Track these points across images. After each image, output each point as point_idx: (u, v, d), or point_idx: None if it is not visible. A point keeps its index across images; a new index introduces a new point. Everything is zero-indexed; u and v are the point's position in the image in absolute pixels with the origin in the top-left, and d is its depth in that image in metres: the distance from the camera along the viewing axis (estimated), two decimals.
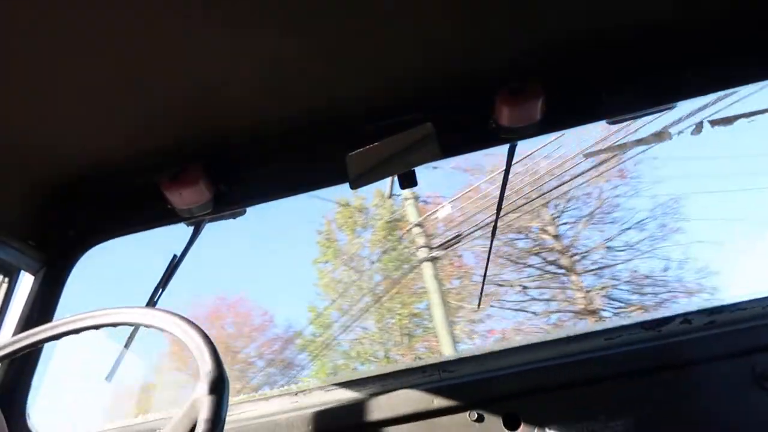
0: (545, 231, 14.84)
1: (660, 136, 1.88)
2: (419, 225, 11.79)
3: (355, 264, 16.51)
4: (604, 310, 13.62)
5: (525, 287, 14.65)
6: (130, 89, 1.38)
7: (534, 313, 14.59)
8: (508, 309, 14.74)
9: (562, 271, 14.55)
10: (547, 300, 14.70)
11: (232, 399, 1.66)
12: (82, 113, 1.43)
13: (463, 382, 1.53)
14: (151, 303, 1.76)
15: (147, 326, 1.05)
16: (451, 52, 1.46)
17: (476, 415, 1.46)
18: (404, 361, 15.64)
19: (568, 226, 14.96)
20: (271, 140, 1.66)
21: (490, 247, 2.09)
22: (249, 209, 1.80)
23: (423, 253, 11.46)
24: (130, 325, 1.10)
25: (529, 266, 14.87)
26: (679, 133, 1.91)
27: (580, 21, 1.44)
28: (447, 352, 10.91)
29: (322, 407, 1.55)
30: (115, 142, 1.57)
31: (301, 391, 1.65)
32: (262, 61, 1.37)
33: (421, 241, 11.69)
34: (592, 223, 14.59)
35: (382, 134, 1.56)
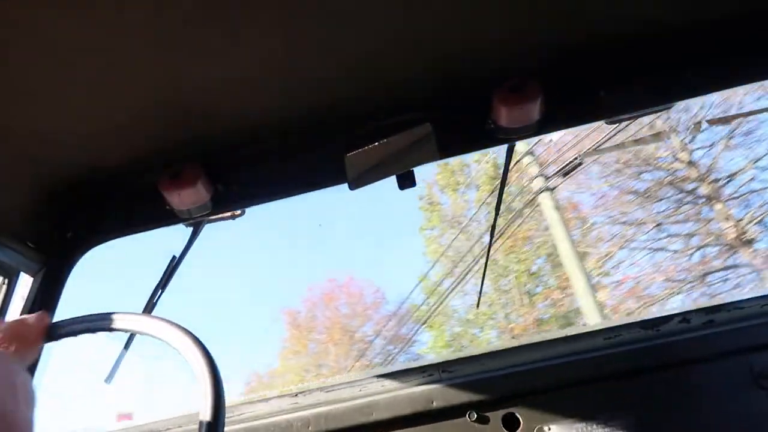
0: (677, 158, 13.09)
1: (658, 136, 1.87)
2: (530, 153, 10.60)
3: (463, 225, 15.61)
4: (757, 241, 11.78)
5: (659, 224, 13.08)
6: (128, 90, 1.38)
7: (674, 251, 13.01)
8: (643, 249, 13.20)
9: (702, 200, 12.79)
10: (688, 235, 12.97)
11: (233, 400, 1.67)
12: (81, 115, 1.43)
13: (462, 382, 1.53)
14: (150, 305, 1.77)
15: (152, 337, 1.05)
16: (449, 53, 1.46)
17: (476, 416, 1.46)
18: (523, 322, 15.29)
19: (703, 152, 12.97)
20: (270, 141, 1.66)
21: (489, 246, 2.09)
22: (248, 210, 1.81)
23: (539, 185, 10.32)
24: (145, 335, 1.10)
25: (662, 200, 13.25)
26: (676, 133, 1.91)
27: (578, 21, 1.44)
28: (579, 290, 9.73)
29: (322, 408, 1.55)
30: (113, 143, 1.57)
31: (301, 392, 1.65)
32: (260, 61, 1.37)
33: (534, 171, 10.52)
34: (734, 145, 12.57)
35: (381, 135, 1.56)
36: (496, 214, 1.90)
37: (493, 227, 1.93)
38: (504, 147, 1.70)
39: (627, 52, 1.54)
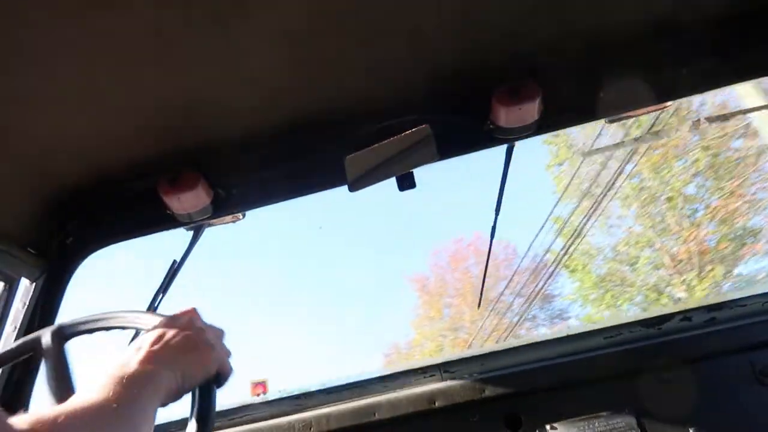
0: None
1: (658, 134, 1.88)
2: None
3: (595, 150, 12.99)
4: None
5: None
6: (127, 95, 1.38)
7: None
8: None
9: None
10: None
11: (234, 402, 1.67)
12: (80, 122, 1.43)
13: (464, 382, 1.53)
14: (152, 308, 1.76)
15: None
16: (447, 54, 1.47)
17: (478, 415, 1.46)
18: (683, 251, 13.44)
19: None
20: (269, 144, 1.66)
21: (490, 246, 2.09)
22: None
23: None
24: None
25: None
26: (677, 131, 1.92)
27: (575, 20, 1.44)
28: None
29: (324, 409, 1.55)
30: (113, 147, 1.57)
31: (303, 394, 1.65)
32: (259, 65, 1.37)
33: None
34: None
35: (381, 136, 1.56)
36: (496, 215, 1.90)
37: (494, 228, 1.93)
38: (503, 148, 1.70)
39: (625, 50, 1.55)
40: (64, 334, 1.12)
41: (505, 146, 1.67)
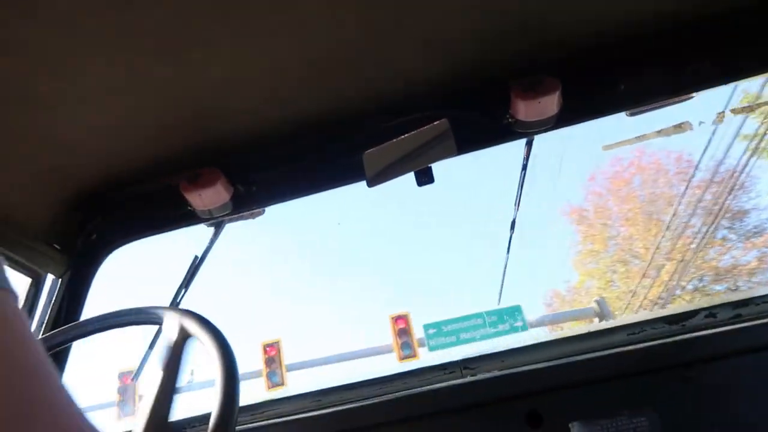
0: None
1: (681, 127, 1.84)
2: None
3: None
4: None
5: None
6: (147, 93, 1.39)
7: None
8: None
9: None
10: None
11: (255, 399, 1.68)
12: (103, 119, 1.45)
13: (484, 379, 1.52)
14: (174, 304, 1.79)
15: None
16: (465, 47, 1.46)
17: (498, 413, 1.45)
18: None
19: None
20: (288, 140, 1.67)
21: (510, 240, 2.07)
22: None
23: None
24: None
25: None
26: (701, 123, 1.88)
27: (595, 12, 1.42)
28: None
29: (344, 407, 1.56)
30: (134, 145, 1.60)
31: (322, 390, 1.66)
32: (278, 61, 1.38)
33: None
34: None
35: (399, 132, 1.56)
36: (516, 209, 1.89)
37: (513, 222, 1.91)
38: (523, 141, 1.68)
39: (646, 42, 1.52)
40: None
41: (524, 140, 1.66)
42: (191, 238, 1.90)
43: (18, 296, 0.45)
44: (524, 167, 1.73)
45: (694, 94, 1.62)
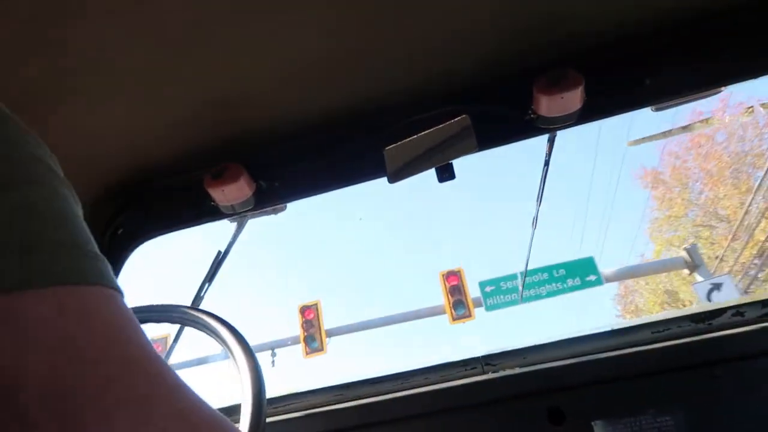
0: None
1: (708, 122, 1.80)
2: None
3: None
4: None
5: None
6: (173, 89, 1.41)
7: None
8: None
9: None
10: None
11: (279, 393, 1.71)
12: (127, 118, 1.48)
13: (506, 376, 1.52)
14: (198, 298, 1.82)
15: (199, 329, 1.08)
16: (486, 43, 1.45)
17: (520, 410, 1.45)
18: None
19: None
20: (310, 136, 1.68)
21: (531, 238, 2.06)
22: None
23: None
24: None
25: None
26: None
27: (619, 5, 1.40)
28: None
29: (366, 401, 1.57)
30: (160, 141, 1.62)
31: (345, 384, 1.67)
32: (301, 57, 1.39)
33: None
34: None
35: (419, 127, 1.56)
36: (538, 204, 1.87)
37: (535, 218, 1.90)
38: (545, 137, 1.67)
39: (673, 35, 1.49)
40: None
41: (546, 136, 1.64)
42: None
43: (124, 294, 0.46)
44: (546, 163, 1.71)
45: (723, 88, 1.58)
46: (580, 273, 11.09)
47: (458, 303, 11.20)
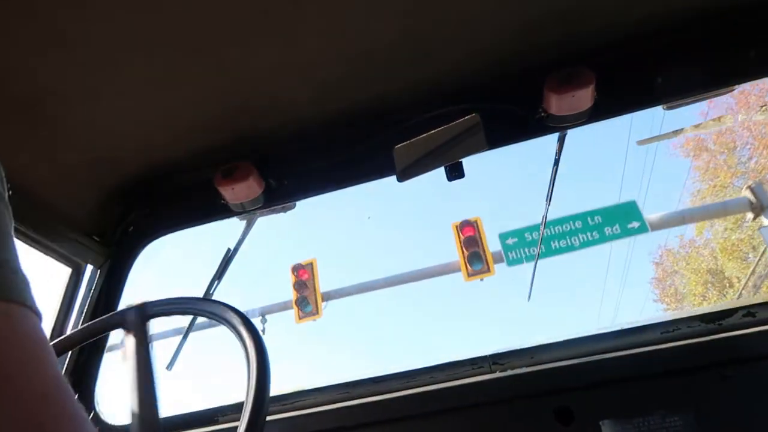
0: None
1: (720, 120, 1.79)
2: None
3: None
4: None
5: None
6: (184, 88, 1.43)
7: None
8: None
9: None
10: None
11: (284, 390, 1.71)
12: (141, 113, 1.49)
13: (514, 375, 1.51)
14: (207, 295, 1.83)
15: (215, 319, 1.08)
16: (497, 41, 1.44)
17: (528, 409, 1.44)
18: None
19: None
20: (319, 135, 1.68)
21: (540, 237, 2.05)
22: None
23: None
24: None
25: None
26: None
27: (629, 4, 1.39)
28: None
29: (372, 399, 1.57)
30: (173, 140, 1.64)
31: (351, 382, 1.67)
32: (311, 57, 1.39)
33: None
34: None
35: (429, 126, 1.55)
36: (548, 203, 1.87)
37: (545, 217, 1.89)
38: (555, 136, 1.66)
39: (683, 34, 1.47)
40: (148, 313, 1.17)
41: (557, 134, 1.64)
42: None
43: (42, 316, 0.46)
44: (556, 162, 1.70)
45: (735, 87, 1.56)
46: (621, 220, 9.16)
47: (474, 256, 9.08)
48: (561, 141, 1.65)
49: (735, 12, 1.43)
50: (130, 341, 1.11)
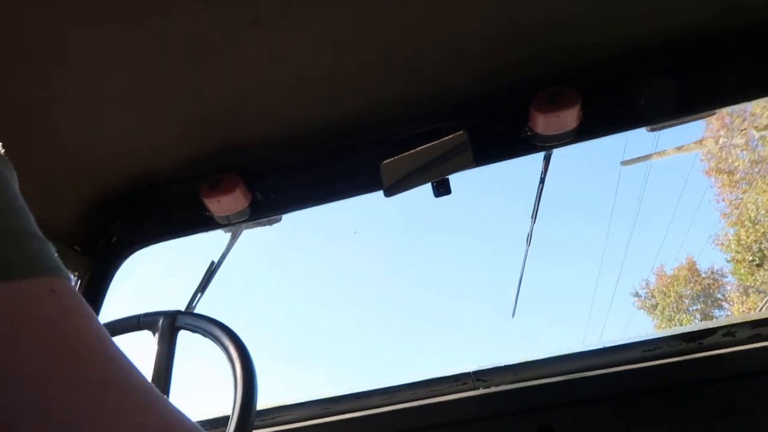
0: None
1: (702, 143, 1.83)
2: None
3: None
4: None
5: None
6: (170, 99, 1.42)
7: None
8: None
9: None
10: None
11: (265, 405, 1.69)
12: (125, 124, 1.48)
13: (496, 392, 1.51)
14: (190, 308, 1.81)
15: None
16: (484, 59, 1.46)
17: (510, 426, 1.44)
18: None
19: None
20: (306, 149, 1.68)
21: (526, 254, 2.06)
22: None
23: None
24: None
25: None
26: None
27: (616, 27, 1.42)
28: None
29: (353, 415, 1.56)
30: (156, 150, 1.62)
31: (333, 399, 1.66)
32: (299, 70, 1.40)
33: None
34: None
35: (416, 142, 1.56)
36: (533, 222, 1.88)
37: (530, 236, 1.91)
38: (541, 155, 1.68)
39: (668, 58, 1.51)
40: (177, 324, 1.15)
41: (542, 153, 1.66)
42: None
43: (72, 280, 0.43)
44: (542, 180, 1.72)
45: (716, 111, 1.60)
46: None
47: None
48: (547, 160, 1.67)
49: (718, 38, 1.47)
50: (158, 351, 1.10)
